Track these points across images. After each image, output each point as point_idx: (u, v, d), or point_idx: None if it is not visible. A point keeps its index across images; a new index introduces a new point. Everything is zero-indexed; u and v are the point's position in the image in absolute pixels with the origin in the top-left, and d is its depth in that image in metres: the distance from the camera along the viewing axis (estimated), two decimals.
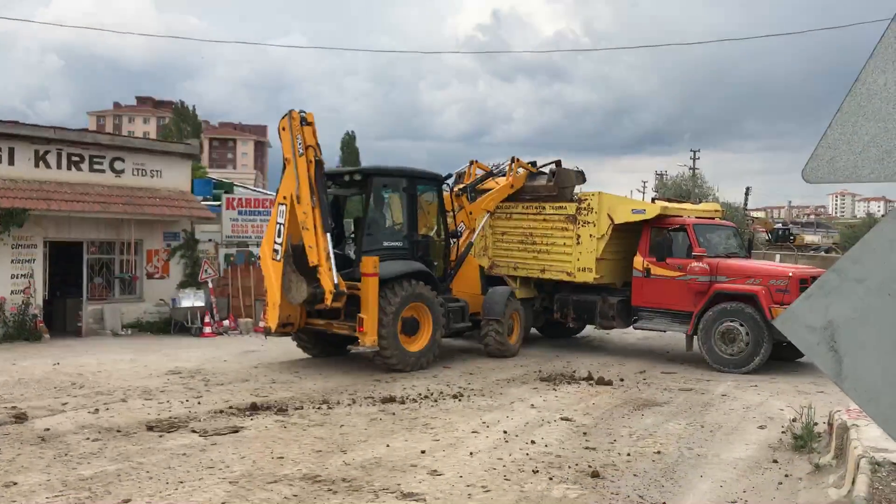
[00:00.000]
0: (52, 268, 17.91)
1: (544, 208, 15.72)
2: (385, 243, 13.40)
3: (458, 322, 13.96)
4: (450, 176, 15.83)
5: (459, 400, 10.62)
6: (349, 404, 10.24)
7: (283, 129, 12.31)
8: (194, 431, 8.71)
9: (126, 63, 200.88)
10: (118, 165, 18.58)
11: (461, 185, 15.72)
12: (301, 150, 12.08)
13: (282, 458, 7.70)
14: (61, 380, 11.86)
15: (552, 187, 15.96)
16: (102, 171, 18.32)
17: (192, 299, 18.38)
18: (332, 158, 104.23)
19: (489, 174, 16.34)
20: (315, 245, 11.89)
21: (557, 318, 16.19)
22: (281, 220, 12.44)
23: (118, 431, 8.68)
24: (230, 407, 9.97)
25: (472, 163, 16.70)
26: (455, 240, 14.67)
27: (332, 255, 11.89)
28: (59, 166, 17.47)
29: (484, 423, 9.29)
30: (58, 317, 18.38)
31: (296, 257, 12.23)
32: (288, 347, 15.35)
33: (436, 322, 13.08)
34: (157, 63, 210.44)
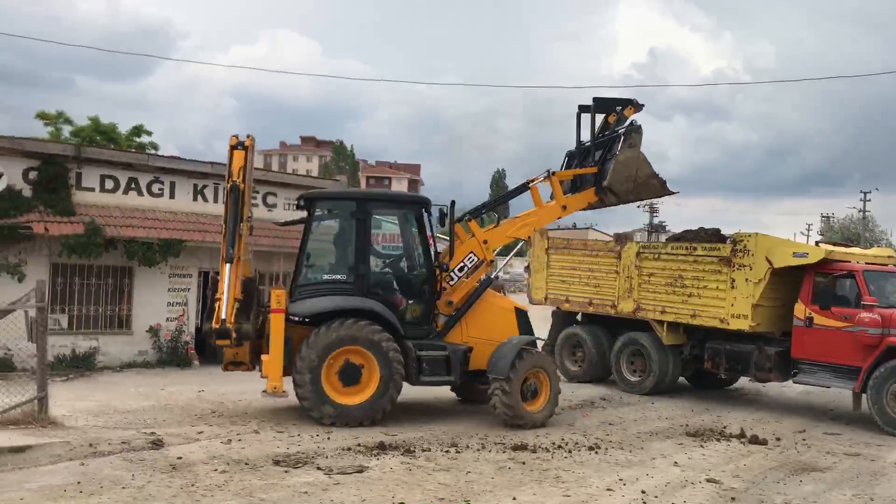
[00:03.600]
0: (206, 297, 18.62)
1: (695, 249, 14.82)
2: (325, 276, 11.84)
3: (436, 374, 11.55)
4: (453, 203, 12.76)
5: (595, 452, 9.98)
6: (478, 449, 9.84)
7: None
8: (319, 469, 8.57)
9: (293, 105, 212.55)
10: (270, 200, 19.22)
11: (473, 208, 13.14)
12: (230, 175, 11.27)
13: (403, 503, 7.39)
14: (203, 407, 12.14)
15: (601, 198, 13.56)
16: (255, 205, 18.93)
17: None
18: (482, 195, 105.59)
19: (512, 193, 13.49)
20: (221, 276, 10.94)
21: (708, 368, 15.14)
22: None
23: (246, 464, 8.67)
24: (358, 444, 9.81)
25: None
26: (441, 273, 12.00)
27: (229, 288, 10.68)
28: (215, 200, 18.23)
29: (620, 479, 8.62)
30: (209, 344, 19.06)
31: (214, 290, 11.27)
32: None
33: (385, 371, 10.99)
34: (322, 105, 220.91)
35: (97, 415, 11.14)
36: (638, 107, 13.85)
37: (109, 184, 17.13)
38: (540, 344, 13.56)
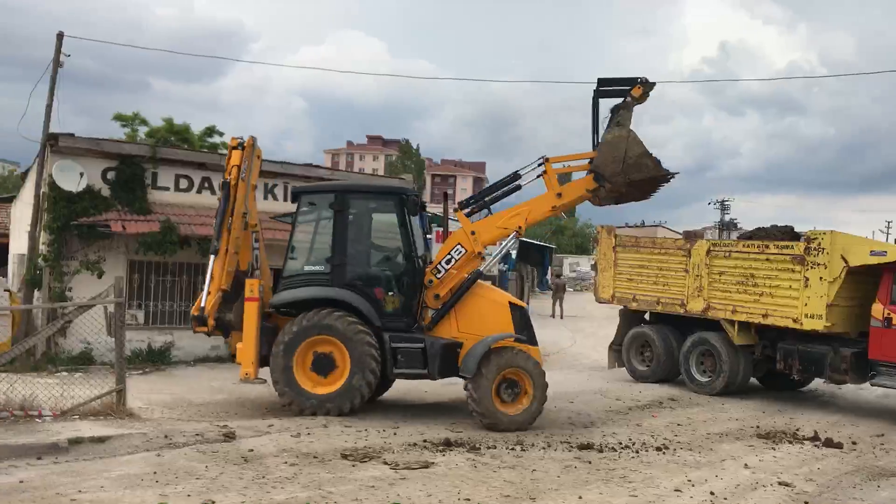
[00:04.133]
0: None
1: (768, 247, 14.48)
2: (306, 268, 11.90)
3: (411, 367, 11.27)
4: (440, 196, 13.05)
5: (663, 453, 9.85)
6: (544, 448, 9.82)
7: None
8: (386, 463, 8.68)
9: (360, 104, 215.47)
10: None
11: (466, 199, 12.60)
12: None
13: (468, 499, 7.44)
14: (273, 401, 12.33)
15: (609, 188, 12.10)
16: None
17: None
18: None
19: (506, 183, 12.28)
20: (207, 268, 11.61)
21: (781, 369, 14.77)
22: None
23: (314, 457, 8.83)
24: (424, 440, 9.89)
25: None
26: (425, 265, 11.85)
27: (210, 278, 11.41)
28: (285, 199, 18.54)
29: (689, 480, 8.50)
30: None
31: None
32: None
33: (356, 362, 10.98)
34: (389, 104, 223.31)
35: (172, 407, 11.50)
36: (647, 85, 12.36)
37: (184, 183, 17.63)
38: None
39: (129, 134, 33.77)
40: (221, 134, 36.41)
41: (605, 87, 12.44)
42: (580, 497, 7.66)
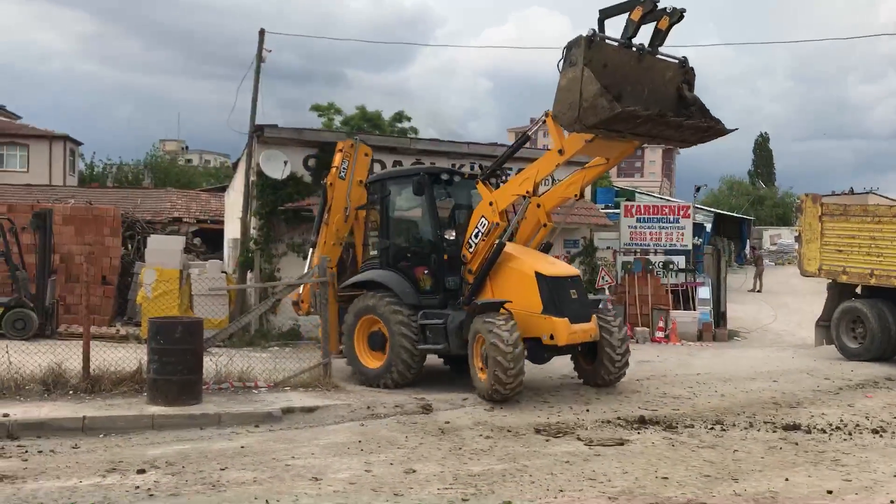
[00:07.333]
0: None
1: None
2: (372, 252, 13.31)
3: (434, 343, 11.50)
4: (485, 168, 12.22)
5: (881, 436, 9.14)
6: (745, 428, 9.40)
7: None
8: (580, 439, 8.66)
9: (543, 81, 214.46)
10: None
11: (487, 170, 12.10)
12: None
13: (666, 478, 7.27)
14: (467, 376, 12.63)
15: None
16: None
17: None
18: (745, 161, 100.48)
19: (518, 145, 12.28)
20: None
21: None
22: None
23: (508, 431, 8.98)
24: (618, 418, 9.77)
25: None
26: (446, 242, 11.87)
27: (307, 267, 13.34)
28: None
29: None
30: None
31: None
32: (683, 360, 14.74)
33: (393, 340, 11.46)
34: None
35: None
36: (647, 4, 10.00)
37: (376, 167, 18.31)
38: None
39: (326, 123, 35.60)
40: (409, 119, 37.62)
41: (608, 17, 10.31)
42: (787, 479, 7.28)
